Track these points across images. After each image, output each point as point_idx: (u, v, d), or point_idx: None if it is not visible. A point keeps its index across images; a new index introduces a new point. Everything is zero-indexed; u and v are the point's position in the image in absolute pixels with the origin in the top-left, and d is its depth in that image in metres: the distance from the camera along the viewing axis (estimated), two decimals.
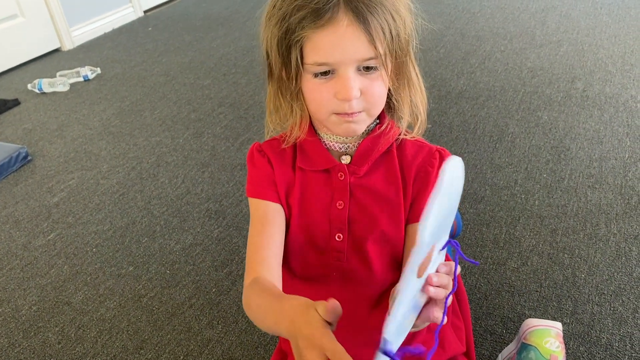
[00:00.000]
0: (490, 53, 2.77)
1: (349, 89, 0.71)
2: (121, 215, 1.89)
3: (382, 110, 0.81)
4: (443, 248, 0.65)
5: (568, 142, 2.00)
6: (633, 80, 2.38)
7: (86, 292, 1.58)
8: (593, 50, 2.69)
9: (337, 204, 0.83)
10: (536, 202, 1.72)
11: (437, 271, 0.63)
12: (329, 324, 0.55)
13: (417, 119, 0.83)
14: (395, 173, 0.83)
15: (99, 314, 1.50)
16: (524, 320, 1.18)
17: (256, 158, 0.87)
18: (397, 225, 0.83)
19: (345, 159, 0.83)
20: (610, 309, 1.35)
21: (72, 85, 3.00)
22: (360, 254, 0.84)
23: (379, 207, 0.83)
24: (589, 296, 1.38)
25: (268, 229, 0.82)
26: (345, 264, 0.85)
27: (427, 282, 0.60)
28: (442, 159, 0.83)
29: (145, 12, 4.14)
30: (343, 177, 0.82)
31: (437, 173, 0.80)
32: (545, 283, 1.43)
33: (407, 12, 0.74)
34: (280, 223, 0.84)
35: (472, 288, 1.43)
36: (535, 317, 1.32)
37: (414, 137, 0.85)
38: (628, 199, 1.69)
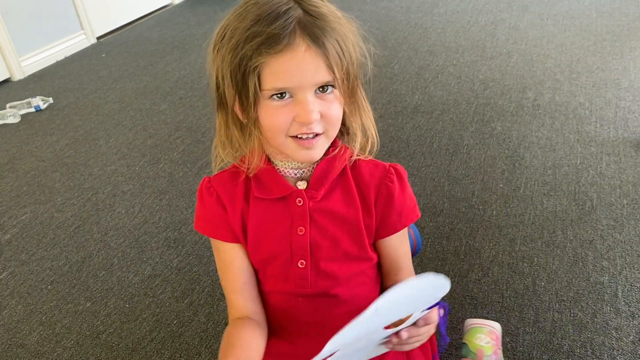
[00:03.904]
0: (443, 67, 2.82)
1: (309, 112, 0.72)
2: (77, 249, 1.83)
3: None
4: (428, 309, 0.69)
5: (522, 151, 2.04)
6: (580, 87, 2.45)
7: (41, 332, 1.52)
8: (542, 60, 2.77)
9: (298, 230, 0.83)
10: (494, 212, 1.74)
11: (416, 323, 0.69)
12: None
13: (369, 140, 0.84)
14: (352, 193, 0.84)
15: (56, 354, 1.44)
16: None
17: (205, 197, 0.87)
18: (359, 244, 0.85)
19: (302, 185, 0.83)
20: (570, 315, 1.37)
21: (23, 116, 2.92)
22: (325, 278, 0.84)
23: (340, 228, 0.84)
24: (549, 304, 1.40)
25: (232, 270, 0.87)
26: (309, 289, 0.85)
27: (397, 336, 0.67)
28: (397, 173, 0.86)
29: (98, 38, 4.08)
30: (302, 202, 0.83)
31: (397, 187, 0.84)
32: (507, 293, 1.45)
33: (355, 37, 0.76)
34: (240, 259, 0.87)
35: None
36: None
37: (366, 157, 0.86)
38: (582, 205, 1.73)
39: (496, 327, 1.18)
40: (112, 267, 1.73)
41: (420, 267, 1.55)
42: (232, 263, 0.86)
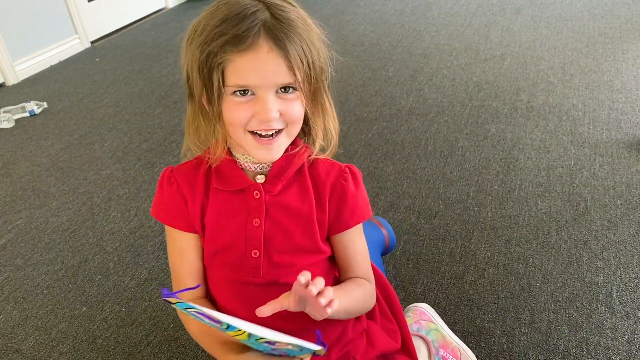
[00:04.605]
0: (437, 70, 2.83)
1: (268, 111, 0.76)
2: (73, 253, 1.83)
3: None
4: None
5: (516, 153, 2.05)
6: (573, 89, 2.47)
7: (37, 338, 1.51)
8: (535, 62, 2.79)
9: (253, 222, 0.87)
10: (489, 214, 1.75)
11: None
12: None
13: (330, 143, 0.89)
14: (308, 190, 0.88)
15: (52, 359, 1.44)
16: (481, 333, 1.19)
17: (165, 187, 0.91)
18: (311, 238, 0.89)
19: (260, 179, 0.88)
20: (565, 315, 1.37)
21: (17, 121, 2.91)
22: (277, 269, 0.88)
23: (293, 222, 0.88)
24: (544, 304, 1.41)
25: (188, 257, 0.91)
26: (261, 279, 0.89)
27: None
28: (352, 173, 0.91)
29: (92, 42, 4.07)
30: (259, 195, 0.87)
31: (351, 186, 0.89)
32: (502, 294, 1.45)
33: (320, 43, 0.80)
34: (196, 247, 0.92)
35: (431, 304, 1.43)
36: (495, 329, 1.34)
37: (324, 157, 0.91)
38: (576, 206, 1.74)
39: (421, 305, 1.29)
40: (108, 271, 1.72)
41: (416, 268, 1.56)
42: (189, 251, 0.91)
